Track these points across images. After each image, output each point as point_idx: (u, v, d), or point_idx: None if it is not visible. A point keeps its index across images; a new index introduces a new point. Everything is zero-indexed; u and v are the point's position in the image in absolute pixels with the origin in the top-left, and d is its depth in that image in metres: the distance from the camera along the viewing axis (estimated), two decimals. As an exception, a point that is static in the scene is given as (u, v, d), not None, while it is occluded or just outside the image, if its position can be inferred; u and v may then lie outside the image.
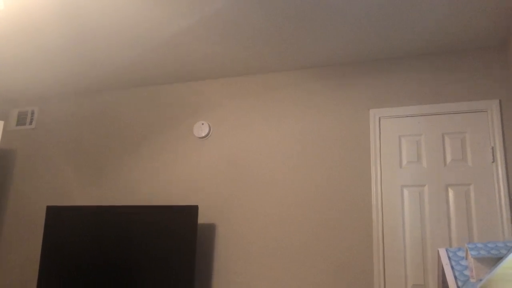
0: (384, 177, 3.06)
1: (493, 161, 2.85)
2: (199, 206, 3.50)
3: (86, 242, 3.41)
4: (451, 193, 2.90)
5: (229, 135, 3.58)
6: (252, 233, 3.30)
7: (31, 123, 4.34)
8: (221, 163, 3.53)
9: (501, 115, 2.91)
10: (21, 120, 4.39)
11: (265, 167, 3.40)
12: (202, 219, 3.46)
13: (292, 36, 3.00)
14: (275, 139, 3.43)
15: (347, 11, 2.68)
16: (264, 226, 3.28)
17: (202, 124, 3.65)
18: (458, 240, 2.81)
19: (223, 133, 3.60)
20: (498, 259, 1.48)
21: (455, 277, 1.58)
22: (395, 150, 3.09)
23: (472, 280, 1.51)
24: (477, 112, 2.97)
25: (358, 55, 3.24)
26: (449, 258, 1.66)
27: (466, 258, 1.61)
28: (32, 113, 4.37)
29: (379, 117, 3.18)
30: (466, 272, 1.60)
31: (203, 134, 3.62)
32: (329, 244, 3.08)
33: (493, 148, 2.87)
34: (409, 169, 3.03)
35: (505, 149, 2.85)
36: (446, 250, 1.69)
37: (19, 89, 4.20)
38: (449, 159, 2.96)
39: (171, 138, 3.76)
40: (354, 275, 2.97)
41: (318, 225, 3.14)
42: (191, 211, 3.21)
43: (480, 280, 1.44)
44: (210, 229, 3.42)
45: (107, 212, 3.43)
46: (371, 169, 3.10)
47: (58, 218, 3.56)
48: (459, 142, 2.97)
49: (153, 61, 3.48)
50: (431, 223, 2.89)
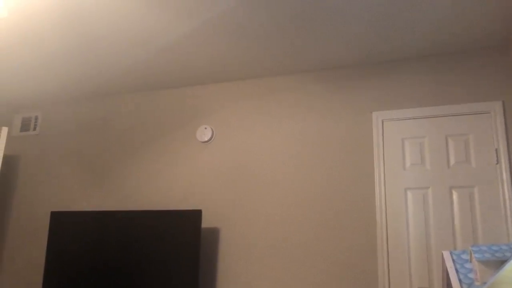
0: (388, 180, 3.06)
1: (497, 163, 2.84)
2: (203, 210, 3.50)
3: (90, 247, 3.42)
4: (455, 195, 2.89)
5: (232, 139, 3.58)
6: (256, 236, 3.30)
7: (35, 129, 4.36)
8: (224, 167, 3.53)
9: (505, 117, 2.89)
10: (25, 126, 4.41)
11: (268, 171, 3.40)
12: (206, 223, 3.46)
13: (295, 39, 3.00)
14: (278, 143, 3.43)
15: (350, 14, 2.68)
16: (268, 229, 3.28)
17: (205, 128, 3.65)
18: (462, 243, 2.79)
19: (226, 137, 3.60)
20: (503, 262, 1.47)
21: (460, 280, 1.58)
22: (399, 153, 3.08)
23: (477, 283, 1.50)
24: (481, 114, 2.96)
25: (361, 58, 3.24)
26: (453, 261, 1.65)
27: (471, 261, 1.60)
28: (36, 119, 4.38)
29: (382, 120, 3.18)
30: (471, 275, 1.59)
31: (206, 138, 3.62)
32: (333, 247, 3.07)
33: (497, 150, 2.86)
34: (413, 172, 3.02)
35: (509, 151, 2.84)
36: (450, 253, 1.69)
37: (23, 95, 4.22)
38: (453, 161, 2.95)
39: (174, 143, 3.76)
40: (359, 278, 2.96)
41: (322, 228, 3.13)
42: (195, 216, 3.21)
43: (485, 283, 1.43)
44: (214, 233, 3.42)
45: (111, 217, 3.43)
46: (375, 172, 3.09)
47: (62, 224, 3.57)
48: (463, 144, 2.96)
49: (156, 66, 3.49)
50: (435, 226, 2.88)
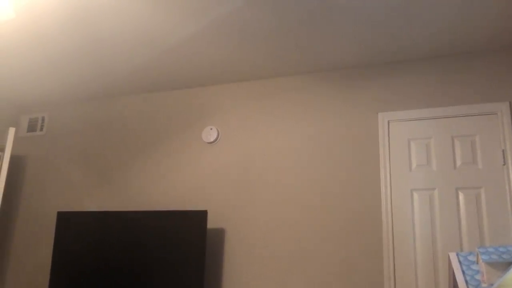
0: (394, 181, 3.05)
1: (504, 164, 2.82)
2: (208, 211, 3.50)
3: (96, 247, 3.43)
4: (462, 197, 2.88)
5: (238, 140, 3.58)
6: (261, 237, 3.30)
7: (42, 130, 4.38)
8: (230, 168, 3.54)
9: (512, 117, 2.88)
10: (32, 127, 4.44)
11: (274, 171, 3.40)
12: (211, 224, 3.47)
13: (300, 40, 3.00)
14: (284, 143, 3.43)
15: (356, 15, 2.68)
16: (273, 230, 3.28)
17: (211, 129, 3.66)
18: (469, 244, 2.78)
19: (232, 138, 3.61)
20: (510, 264, 1.46)
21: (466, 282, 1.57)
22: (405, 154, 3.08)
23: (484, 285, 1.50)
24: (487, 115, 2.95)
25: (366, 58, 3.24)
26: (460, 263, 1.64)
27: (477, 263, 1.59)
28: (43, 120, 4.41)
29: (388, 121, 3.17)
30: (477, 277, 1.58)
31: (212, 139, 3.63)
32: (339, 248, 3.07)
33: (504, 151, 2.84)
34: (419, 173, 3.01)
35: (516, 152, 2.82)
36: (457, 255, 1.68)
37: (30, 96, 4.25)
38: (459, 162, 2.94)
39: (180, 143, 3.77)
40: (364, 279, 2.95)
41: (328, 229, 3.13)
42: (200, 216, 3.21)
43: (492, 285, 1.43)
44: (219, 234, 3.42)
45: (117, 218, 3.44)
46: (381, 173, 3.08)
47: (69, 224, 3.59)
48: (469, 145, 2.94)
49: (162, 67, 3.50)
50: (442, 227, 2.87)
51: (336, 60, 3.28)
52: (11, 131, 3.82)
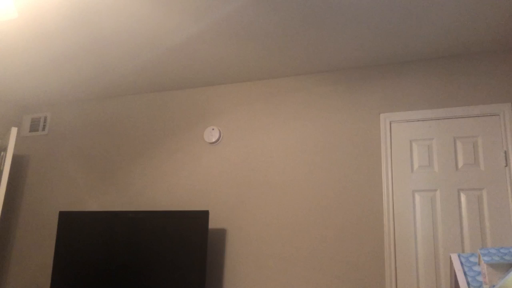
0: (396, 182, 3.05)
1: (506, 165, 2.82)
2: (210, 211, 3.51)
3: (98, 247, 3.44)
4: (463, 198, 2.88)
5: (239, 140, 3.59)
6: (263, 238, 3.30)
7: (44, 129, 4.39)
8: (232, 168, 3.54)
9: (514, 119, 2.88)
10: (34, 126, 4.45)
11: (276, 172, 3.40)
12: (213, 224, 3.47)
13: (303, 41, 3.01)
14: (286, 144, 3.43)
15: (358, 16, 2.68)
16: (275, 231, 3.28)
17: (213, 130, 3.66)
18: (471, 246, 2.78)
19: (234, 138, 3.61)
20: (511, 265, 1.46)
21: (468, 283, 1.57)
22: (406, 155, 3.07)
23: (485, 286, 1.49)
24: (489, 116, 2.94)
25: (368, 59, 3.24)
26: (462, 264, 1.64)
27: (479, 264, 1.59)
28: (45, 119, 4.42)
29: (390, 122, 3.17)
30: (479, 278, 1.58)
31: (214, 140, 3.63)
32: (340, 249, 3.07)
33: (506, 152, 2.84)
34: (421, 174, 3.01)
35: (518, 153, 2.82)
36: (459, 256, 1.68)
37: (32, 96, 4.26)
38: (461, 164, 2.94)
39: (182, 144, 3.78)
40: (366, 280, 2.95)
41: (329, 230, 3.13)
42: (202, 216, 3.21)
43: (494, 286, 1.43)
44: (221, 234, 3.42)
45: (119, 217, 3.45)
46: (382, 174, 3.08)
47: (71, 224, 3.59)
48: (471, 146, 2.94)
49: (164, 67, 3.50)
50: (443, 228, 2.87)
51: (339, 61, 3.28)
52: (14, 131, 3.83)
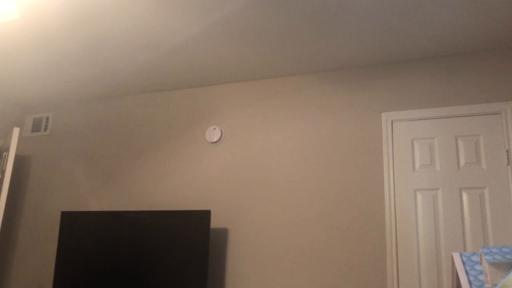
0: (397, 181, 3.04)
1: (508, 164, 2.81)
2: (212, 211, 3.51)
3: (100, 247, 3.44)
4: (465, 197, 2.87)
5: (241, 140, 3.59)
6: (265, 237, 3.30)
7: (46, 130, 4.40)
8: (233, 168, 3.54)
9: (516, 117, 2.87)
10: (36, 127, 4.45)
11: (277, 171, 3.40)
12: (215, 224, 3.47)
13: (304, 40, 3.00)
14: (287, 144, 3.43)
15: (360, 15, 2.68)
16: (277, 230, 3.28)
17: (214, 129, 3.67)
18: (473, 245, 2.77)
19: (235, 138, 3.61)
20: (513, 264, 1.46)
21: (470, 282, 1.57)
22: (408, 154, 3.07)
23: (487, 285, 1.49)
24: (491, 115, 2.94)
25: (370, 58, 3.24)
26: (463, 263, 1.64)
27: (481, 263, 1.59)
28: (47, 120, 4.43)
29: (392, 120, 3.16)
30: (481, 277, 1.58)
31: (215, 139, 3.64)
32: (342, 248, 3.07)
33: (508, 151, 2.83)
34: (422, 173, 3.00)
35: (520, 152, 2.81)
36: (460, 255, 1.68)
37: (34, 96, 4.27)
38: (463, 162, 2.93)
39: (183, 143, 3.78)
40: (367, 280, 2.95)
41: (331, 229, 3.13)
42: (204, 216, 3.22)
43: (495, 285, 1.43)
44: (223, 234, 3.43)
45: (121, 217, 3.46)
46: (384, 173, 3.08)
47: (73, 224, 3.60)
48: (473, 145, 2.93)
49: (166, 67, 3.51)
50: (445, 227, 2.86)
51: (341, 60, 3.28)
52: (16, 131, 3.84)
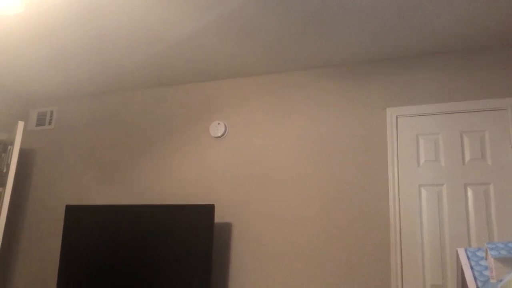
0: (402, 177, 3.04)
1: (513, 160, 2.80)
2: (216, 205, 3.51)
3: (104, 241, 3.46)
4: (470, 192, 2.86)
5: (245, 135, 3.58)
6: (268, 233, 3.30)
7: (50, 123, 4.41)
8: (237, 163, 3.54)
9: (522, 113, 2.85)
10: (41, 121, 4.46)
11: (281, 167, 3.40)
12: (219, 218, 3.48)
13: (308, 35, 2.99)
14: (291, 139, 3.42)
15: (363, 10, 2.66)
16: (280, 226, 3.28)
17: (218, 124, 3.66)
18: (478, 240, 2.77)
19: (239, 133, 3.61)
20: (519, 259, 1.46)
21: (475, 278, 1.56)
22: (413, 149, 3.06)
23: (492, 281, 1.49)
24: (496, 110, 2.92)
25: (375, 54, 3.22)
26: (468, 258, 1.64)
27: (486, 258, 1.59)
28: (51, 114, 4.44)
29: (396, 116, 3.15)
30: (486, 272, 1.58)
31: (219, 134, 3.63)
32: (346, 245, 3.07)
33: (513, 147, 2.82)
34: (427, 168, 2.99)
35: (526, 148, 2.80)
36: (465, 250, 1.67)
37: (39, 90, 4.27)
38: (468, 158, 2.92)
39: (187, 138, 3.78)
40: (371, 275, 2.95)
41: (335, 225, 3.13)
42: (208, 210, 3.22)
43: (501, 281, 1.42)
44: (227, 228, 3.43)
45: (125, 211, 3.46)
46: (388, 169, 3.07)
47: (77, 217, 3.61)
48: (478, 141, 2.92)
49: (169, 61, 3.50)
50: (450, 223, 2.86)
51: (344, 55, 3.26)
52: (20, 125, 3.85)
